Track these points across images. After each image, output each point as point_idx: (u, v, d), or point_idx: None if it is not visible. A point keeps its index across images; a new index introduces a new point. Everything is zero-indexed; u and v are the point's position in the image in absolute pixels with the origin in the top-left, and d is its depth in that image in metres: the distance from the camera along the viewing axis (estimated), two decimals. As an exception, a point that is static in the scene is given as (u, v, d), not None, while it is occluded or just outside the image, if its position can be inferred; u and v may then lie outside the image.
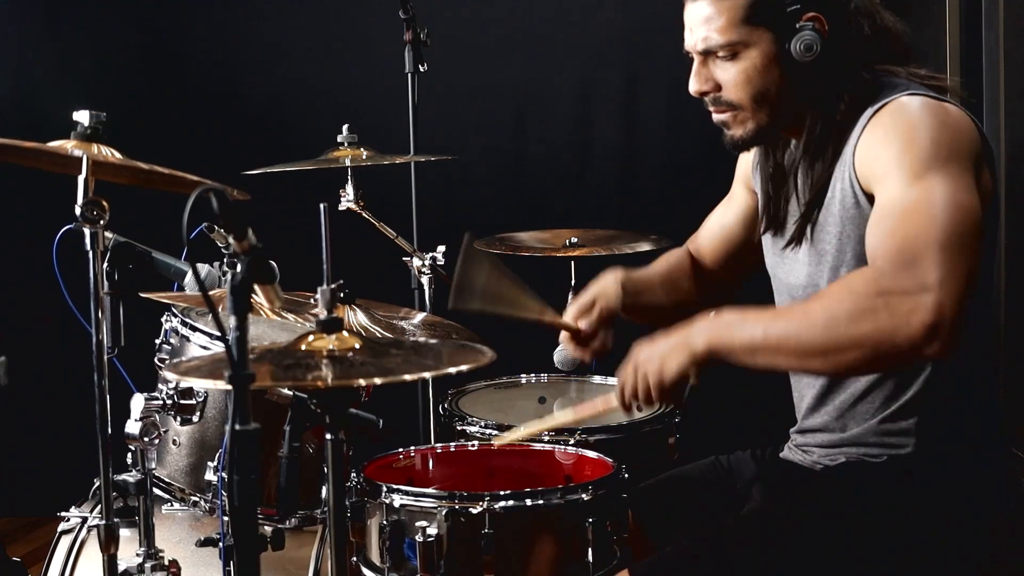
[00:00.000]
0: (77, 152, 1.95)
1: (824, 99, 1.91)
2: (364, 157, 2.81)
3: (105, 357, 2.02)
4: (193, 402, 2.23)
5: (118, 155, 2.01)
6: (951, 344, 1.67)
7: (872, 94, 1.88)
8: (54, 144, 1.99)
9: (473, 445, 2.30)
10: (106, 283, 2.06)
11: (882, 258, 1.74)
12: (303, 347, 1.67)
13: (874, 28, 1.92)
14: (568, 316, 2.24)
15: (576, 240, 3.01)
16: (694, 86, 1.95)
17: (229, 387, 1.40)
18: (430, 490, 1.96)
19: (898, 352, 1.68)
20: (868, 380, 1.94)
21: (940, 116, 1.81)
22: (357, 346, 1.66)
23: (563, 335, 2.28)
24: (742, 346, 1.76)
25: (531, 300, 2.18)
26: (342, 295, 2.21)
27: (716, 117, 1.97)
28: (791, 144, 2.02)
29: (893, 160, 1.79)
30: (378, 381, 1.56)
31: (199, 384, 2.22)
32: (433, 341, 2.36)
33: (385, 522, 1.92)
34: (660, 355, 1.82)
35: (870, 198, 1.85)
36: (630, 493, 2.04)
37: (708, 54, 1.92)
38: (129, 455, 2.19)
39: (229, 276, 1.85)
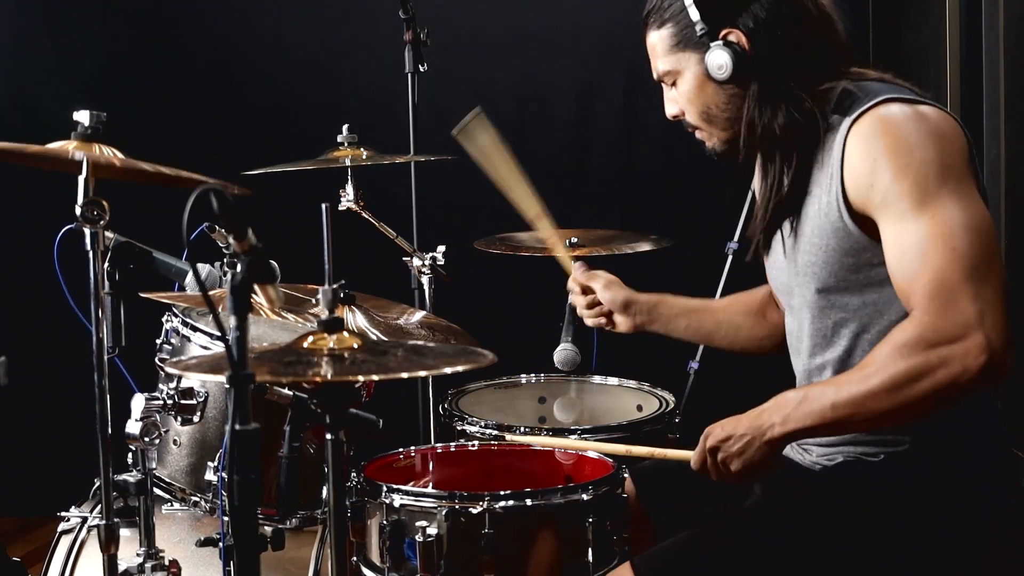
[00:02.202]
0: (78, 154, 1.95)
1: (776, 108, 1.90)
2: (364, 157, 2.81)
3: (105, 357, 2.02)
4: (193, 402, 2.23)
5: (119, 155, 2.01)
6: (1009, 364, 1.72)
7: (842, 100, 1.87)
8: (55, 146, 1.99)
9: (473, 445, 2.30)
10: (106, 283, 2.06)
11: (918, 307, 1.75)
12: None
13: (806, 34, 1.90)
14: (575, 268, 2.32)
15: (576, 240, 3.00)
16: (667, 111, 2.06)
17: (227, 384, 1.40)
18: (430, 490, 1.96)
19: (965, 393, 1.73)
20: None
21: (923, 126, 1.80)
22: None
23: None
24: (814, 424, 1.81)
25: (530, 193, 2.21)
26: (343, 295, 2.22)
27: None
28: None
29: (890, 186, 1.78)
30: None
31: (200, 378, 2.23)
32: (432, 344, 2.36)
33: (385, 522, 1.92)
34: (739, 446, 1.86)
35: (857, 217, 1.84)
36: (635, 473, 2.06)
37: (663, 82, 2.04)
38: (129, 455, 2.19)
39: (229, 276, 1.85)
